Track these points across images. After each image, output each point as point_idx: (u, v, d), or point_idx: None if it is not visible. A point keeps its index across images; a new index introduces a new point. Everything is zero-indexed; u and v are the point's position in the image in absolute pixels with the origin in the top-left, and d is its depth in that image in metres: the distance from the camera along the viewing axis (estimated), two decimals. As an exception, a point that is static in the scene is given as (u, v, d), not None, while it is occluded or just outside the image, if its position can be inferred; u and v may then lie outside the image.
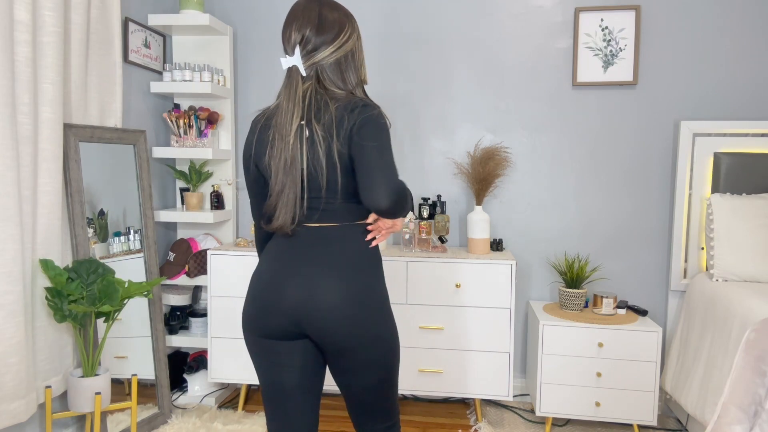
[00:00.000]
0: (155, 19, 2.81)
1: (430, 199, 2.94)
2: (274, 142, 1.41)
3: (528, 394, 3.00)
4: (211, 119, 2.91)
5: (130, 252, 2.56)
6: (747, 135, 2.71)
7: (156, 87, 2.86)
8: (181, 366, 3.01)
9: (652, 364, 2.49)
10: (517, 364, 3.05)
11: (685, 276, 2.81)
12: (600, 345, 2.52)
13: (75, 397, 2.14)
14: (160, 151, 2.85)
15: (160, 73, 2.95)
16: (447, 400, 3.01)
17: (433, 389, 2.69)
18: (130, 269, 2.56)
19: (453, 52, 2.97)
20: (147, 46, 2.83)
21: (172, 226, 3.14)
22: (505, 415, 2.83)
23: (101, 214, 2.43)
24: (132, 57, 2.71)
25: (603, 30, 2.82)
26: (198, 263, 2.87)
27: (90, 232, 2.36)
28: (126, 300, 2.20)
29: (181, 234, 3.16)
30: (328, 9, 1.46)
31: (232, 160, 3.07)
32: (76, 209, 2.27)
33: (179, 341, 2.91)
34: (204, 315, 2.99)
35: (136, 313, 2.58)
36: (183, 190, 3.09)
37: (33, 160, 2.05)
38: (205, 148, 2.83)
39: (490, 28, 2.94)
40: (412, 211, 2.16)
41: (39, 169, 2.09)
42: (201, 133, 2.90)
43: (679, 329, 2.68)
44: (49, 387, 2.09)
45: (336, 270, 1.42)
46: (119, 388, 2.52)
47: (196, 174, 2.98)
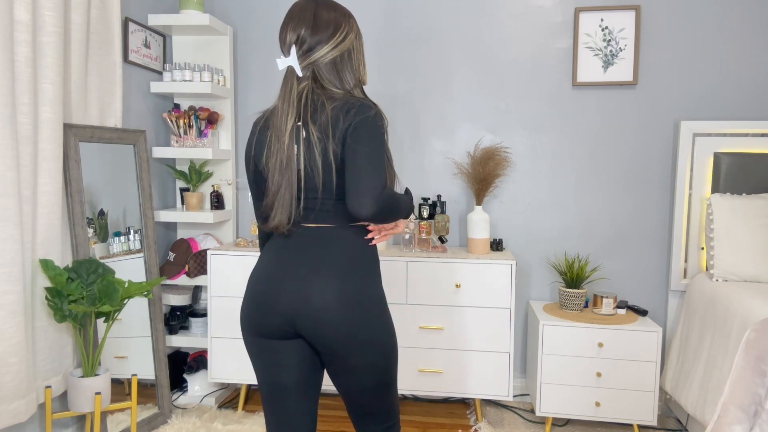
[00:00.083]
0: (155, 19, 2.81)
1: (430, 199, 2.94)
2: (271, 142, 1.42)
3: (528, 394, 3.00)
4: (211, 119, 2.91)
5: (130, 252, 2.57)
6: (747, 135, 2.71)
7: (156, 87, 2.86)
8: (181, 366, 3.01)
9: (652, 364, 2.49)
10: (517, 364, 3.05)
11: (685, 276, 2.81)
12: (600, 345, 2.52)
13: (75, 397, 2.14)
14: (160, 151, 2.85)
15: (160, 73, 2.95)
16: (447, 400, 3.01)
17: (433, 389, 2.69)
18: (130, 269, 2.56)
19: (453, 52, 2.97)
20: (147, 46, 2.83)
21: (172, 226, 3.14)
22: (505, 415, 2.83)
23: (101, 214, 2.43)
24: (132, 57, 2.71)
25: (603, 30, 2.82)
26: (198, 263, 2.87)
27: (90, 232, 2.36)
28: (126, 300, 2.20)
29: (181, 234, 3.16)
30: (324, 9, 1.45)
31: (232, 160, 3.08)
32: (76, 209, 2.27)
33: (179, 341, 2.91)
34: (204, 315, 2.99)
35: (136, 313, 2.58)
36: (183, 190, 3.09)
37: (33, 160, 2.05)
38: (205, 148, 2.84)
39: (490, 28, 2.94)
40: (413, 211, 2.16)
41: (39, 169, 2.09)
42: (201, 133, 2.90)
43: (679, 329, 2.68)
44: (49, 387, 2.09)
45: (331, 271, 1.41)
46: (119, 388, 2.52)
47: (196, 174, 2.98)
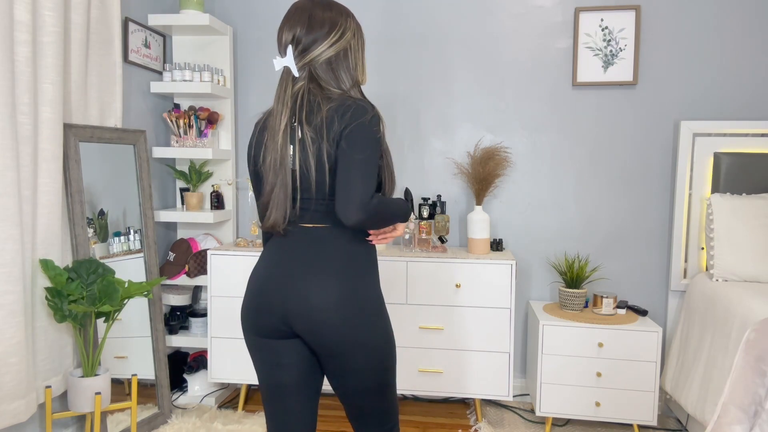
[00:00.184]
0: (155, 19, 2.81)
1: (430, 199, 2.94)
2: (267, 142, 1.42)
3: (528, 394, 3.00)
4: (211, 119, 2.91)
5: (130, 252, 2.57)
6: (747, 135, 2.71)
7: (156, 87, 2.86)
8: (181, 366, 3.01)
9: (652, 364, 2.49)
10: (517, 364, 3.04)
11: (685, 276, 2.81)
12: (600, 345, 2.52)
13: (75, 397, 2.14)
14: (160, 151, 2.85)
15: (160, 73, 2.95)
16: (447, 400, 3.01)
17: (433, 389, 2.69)
18: (130, 269, 2.56)
19: (453, 52, 2.97)
20: (147, 46, 2.83)
21: (172, 226, 3.14)
22: (505, 415, 2.83)
23: (101, 214, 2.43)
24: (132, 57, 2.71)
25: (603, 30, 2.82)
26: (198, 263, 2.87)
27: (90, 232, 2.36)
28: (126, 300, 2.20)
29: (181, 234, 3.16)
30: (320, 8, 1.45)
31: (232, 160, 3.08)
32: (76, 209, 2.27)
33: (179, 341, 2.91)
34: (204, 315, 2.99)
35: (136, 313, 2.58)
36: (183, 190, 3.09)
37: (33, 160, 2.05)
38: (205, 148, 2.84)
39: (490, 28, 2.94)
40: (413, 211, 2.16)
41: (39, 169, 2.09)
42: (201, 133, 2.90)
43: (679, 329, 2.68)
44: (49, 387, 2.09)
45: (327, 271, 1.41)
46: (119, 388, 2.52)
47: (196, 174, 2.98)
